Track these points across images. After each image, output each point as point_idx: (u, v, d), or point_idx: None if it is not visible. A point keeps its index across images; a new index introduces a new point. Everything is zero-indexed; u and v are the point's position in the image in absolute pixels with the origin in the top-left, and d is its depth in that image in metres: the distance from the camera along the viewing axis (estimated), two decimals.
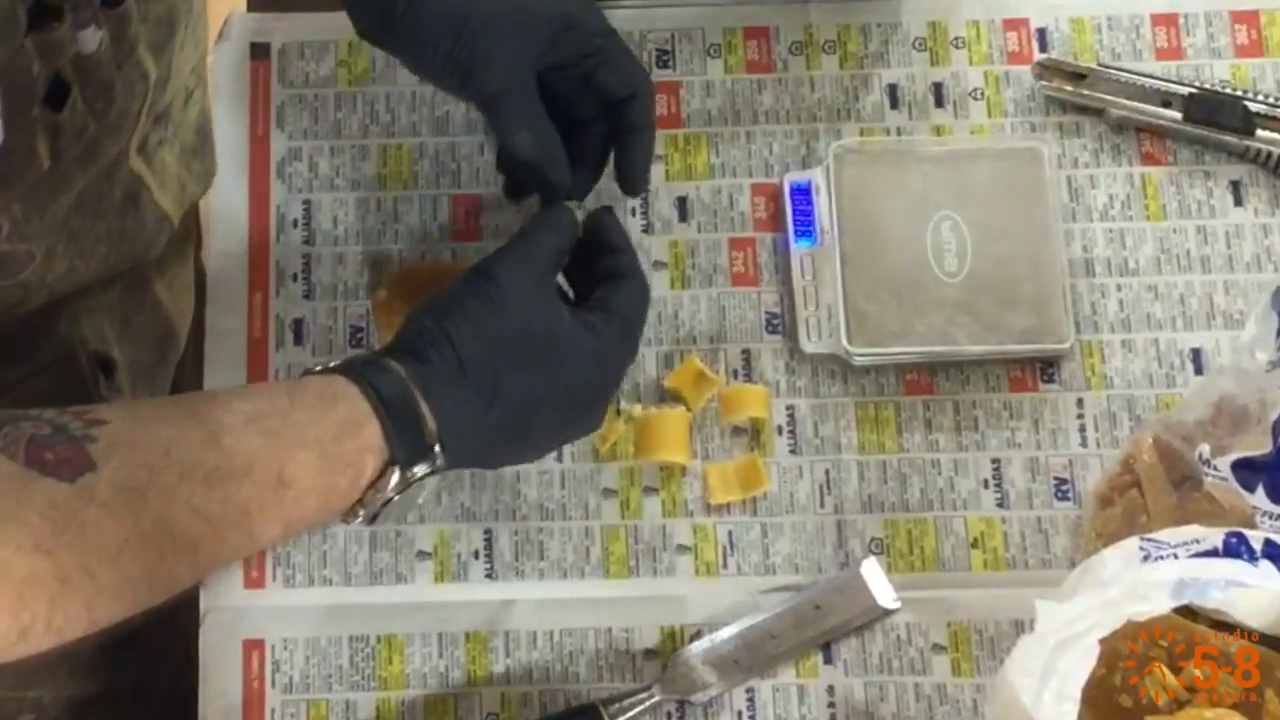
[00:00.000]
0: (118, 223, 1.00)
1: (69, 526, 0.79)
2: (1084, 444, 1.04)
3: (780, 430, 1.04)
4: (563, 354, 0.93)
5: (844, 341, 1.04)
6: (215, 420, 0.87)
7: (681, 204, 1.10)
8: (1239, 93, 1.10)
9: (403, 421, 0.89)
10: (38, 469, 0.80)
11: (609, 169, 1.02)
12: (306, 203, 1.10)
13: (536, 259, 0.95)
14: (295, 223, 1.10)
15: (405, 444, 0.89)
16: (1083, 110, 1.11)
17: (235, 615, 1.01)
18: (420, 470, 0.90)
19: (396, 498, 0.90)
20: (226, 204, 1.11)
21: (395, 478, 0.89)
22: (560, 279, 0.97)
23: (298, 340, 1.07)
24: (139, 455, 0.83)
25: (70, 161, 0.91)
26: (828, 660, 1.00)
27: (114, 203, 0.99)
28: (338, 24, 1.09)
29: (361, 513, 0.90)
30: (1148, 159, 1.10)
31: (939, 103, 1.12)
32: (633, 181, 1.01)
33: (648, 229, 1.10)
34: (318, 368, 0.92)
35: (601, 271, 0.97)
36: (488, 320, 0.92)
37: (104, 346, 1.04)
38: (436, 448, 0.90)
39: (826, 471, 1.04)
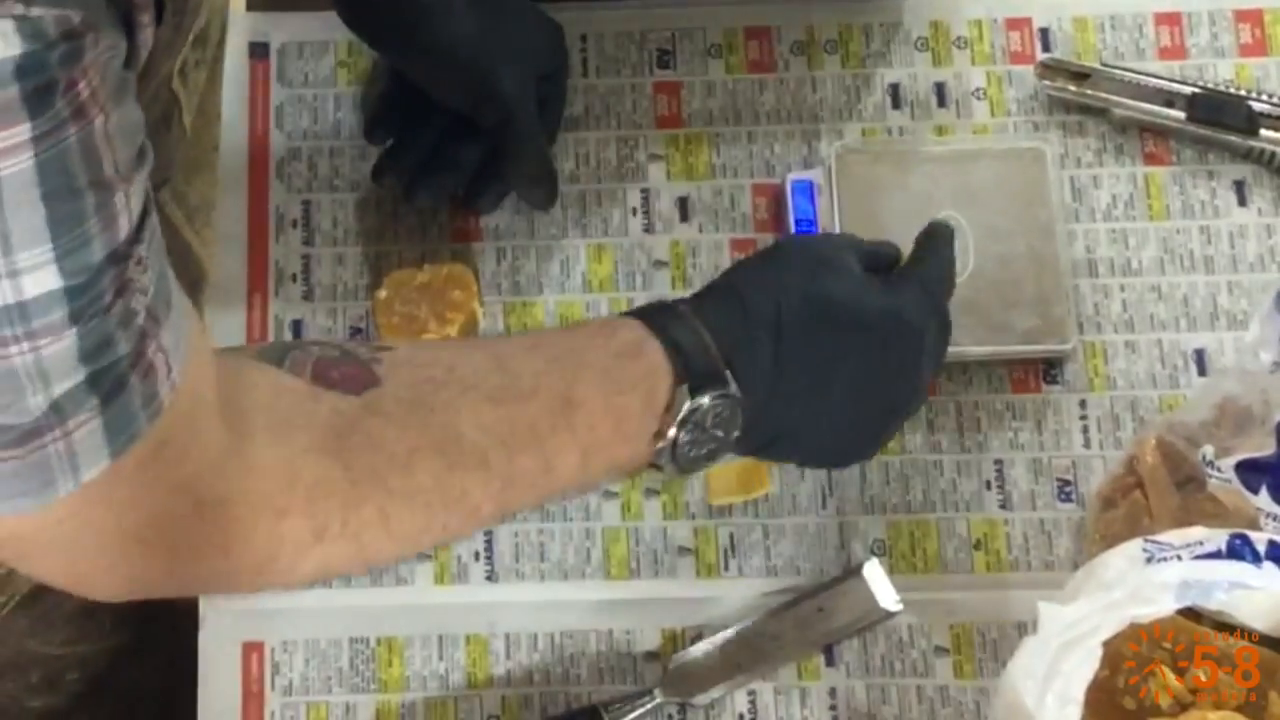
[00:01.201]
0: (151, 141, 1.00)
1: (356, 432, 0.82)
2: (1087, 445, 1.04)
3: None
4: (849, 294, 0.92)
5: None
6: (496, 346, 0.92)
7: (682, 204, 1.10)
8: (1242, 92, 1.10)
9: (683, 342, 0.88)
10: (323, 386, 0.82)
11: None
12: (306, 203, 1.10)
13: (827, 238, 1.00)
14: (294, 223, 1.10)
15: (689, 363, 0.88)
16: (1085, 110, 1.11)
17: (235, 617, 1.01)
18: (714, 394, 0.88)
19: (698, 435, 0.88)
20: (225, 203, 1.10)
21: (686, 399, 0.87)
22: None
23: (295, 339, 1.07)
24: (423, 372, 0.85)
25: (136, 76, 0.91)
26: (830, 662, 1.00)
27: (151, 122, 0.99)
28: (337, 24, 1.09)
29: (665, 445, 0.88)
30: (1151, 159, 1.10)
31: (941, 103, 1.12)
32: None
33: (649, 229, 1.09)
34: None
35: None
36: (767, 266, 0.94)
37: None
38: (726, 372, 0.88)
39: (828, 473, 1.03)
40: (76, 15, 0.63)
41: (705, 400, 0.88)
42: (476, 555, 1.02)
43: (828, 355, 0.92)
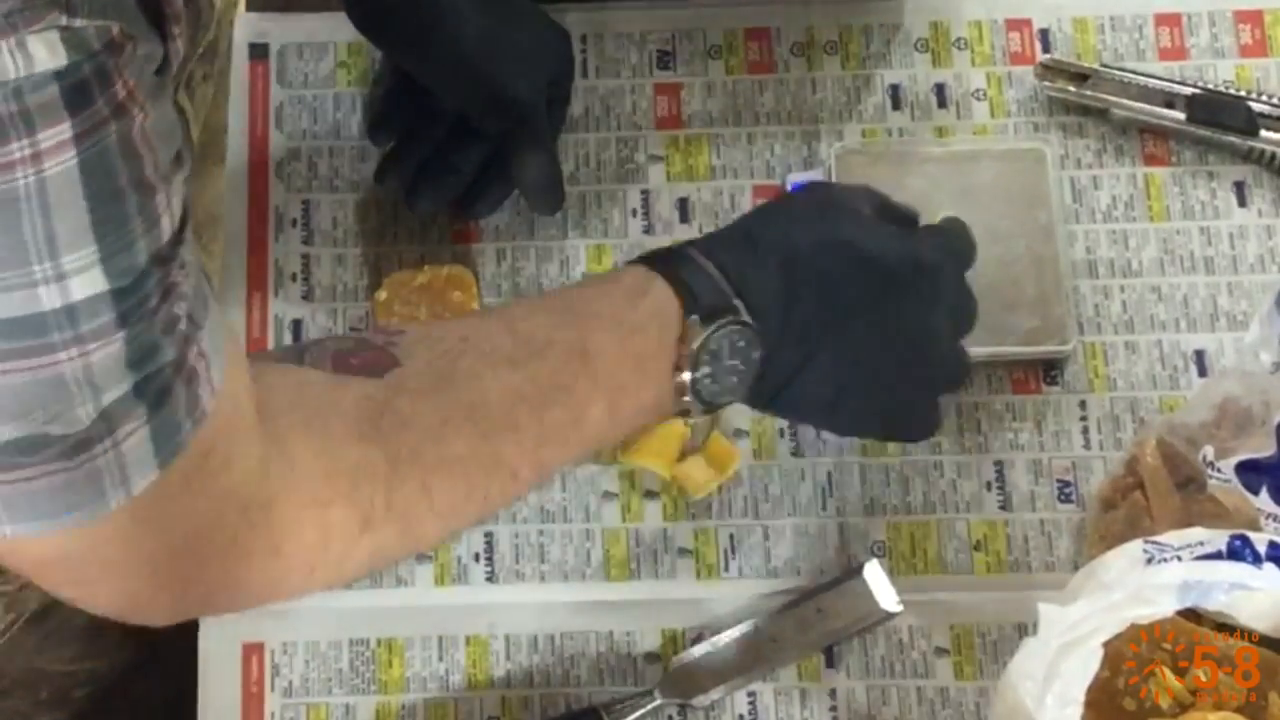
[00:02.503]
0: None
1: (387, 413, 0.82)
2: (1087, 446, 1.04)
3: (782, 433, 1.04)
4: (861, 234, 0.92)
5: None
6: (504, 312, 0.93)
7: (682, 205, 1.10)
8: (1243, 93, 1.10)
9: (688, 277, 0.88)
10: (346, 374, 0.83)
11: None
12: (305, 203, 1.10)
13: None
14: (294, 222, 1.10)
15: (698, 295, 0.88)
16: (1085, 111, 1.11)
17: (234, 618, 1.00)
18: (727, 324, 0.88)
19: (717, 368, 0.88)
20: (224, 203, 1.10)
21: (700, 328, 0.87)
22: None
23: (297, 341, 1.07)
24: (439, 346, 0.85)
25: None
26: (830, 664, 1.00)
27: None
28: (337, 25, 1.09)
29: (684, 380, 0.87)
30: (1151, 160, 1.10)
31: (941, 104, 1.12)
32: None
33: (648, 230, 1.09)
34: None
35: None
36: (777, 207, 0.95)
37: None
38: (736, 301, 0.88)
39: (828, 474, 1.03)
40: (116, 26, 0.64)
41: (719, 330, 0.88)
42: (476, 556, 1.02)
43: (841, 292, 0.91)
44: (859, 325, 0.92)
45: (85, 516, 0.71)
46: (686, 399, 0.89)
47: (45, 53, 0.62)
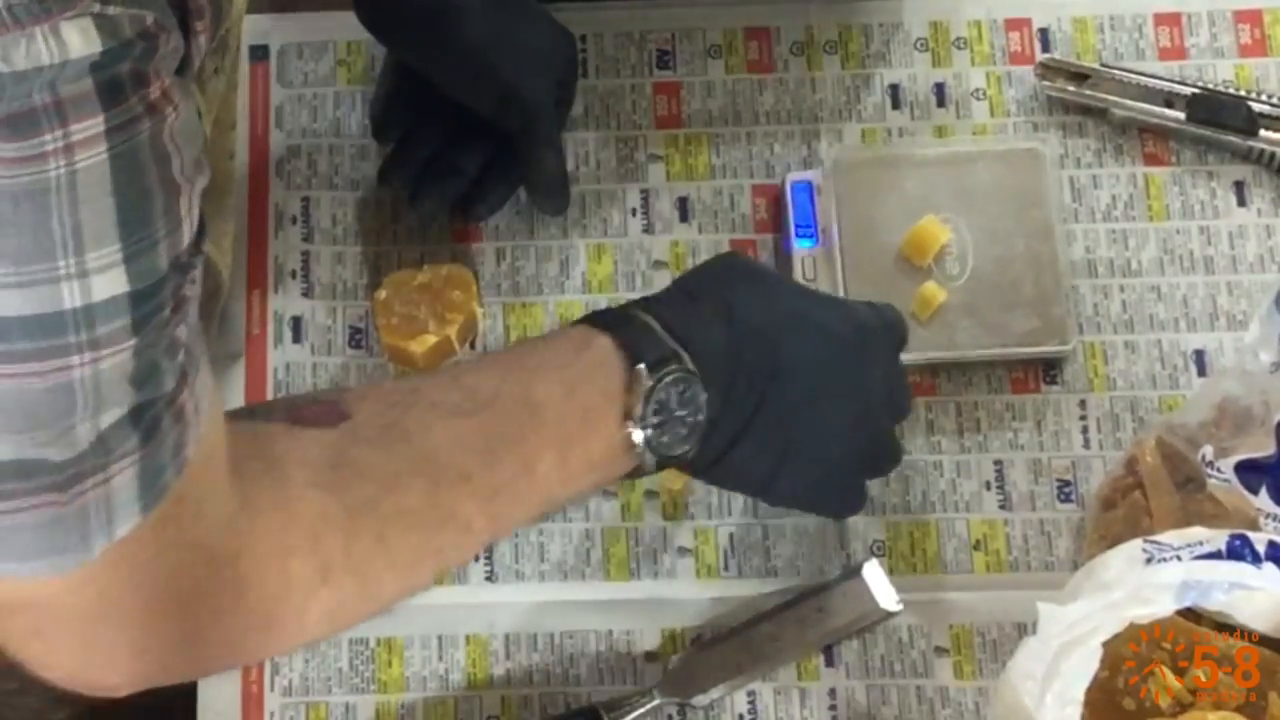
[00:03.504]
0: None
1: (342, 464, 0.81)
2: (1087, 445, 1.04)
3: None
4: (800, 299, 0.93)
5: None
6: (451, 368, 0.94)
7: (682, 204, 1.10)
8: (1242, 93, 1.10)
9: (632, 328, 0.88)
10: (301, 425, 0.82)
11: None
12: (305, 200, 1.10)
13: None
14: (294, 219, 1.10)
15: (640, 347, 0.87)
16: (1085, 110, 1.11)
17: None
18: (672, 371, 0.87)
19: (666, 417, 0.87)
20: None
21: (646, 378, 0.86)
22: None
23: (296, 339, 1.07)
24: (388, 398, 0.85)
25: None
26: (829, 663, 1.00)
27: None
28: (336, 23, 1.09)
29: (634, 430, 0.87)
30: (1150, 159, 1.10)
31: (941, 103, 1.12)
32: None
33: (648, 229, 1.09)
34: None
35: None
36: (716, 269, 0.94)
37: None
38: (681, 351, 0.88)
39: None
40: (150, 16, 0.63)
41: (666, 378, 0.87)
42: (476, 555, 1.02)
43: (783, 354, 0.90)
44: (798, 393, 0.91)
45: (69, 561, 0.69)
46: (638, 450, 0.88)
47: (79, 39, 0.61)
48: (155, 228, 0.66)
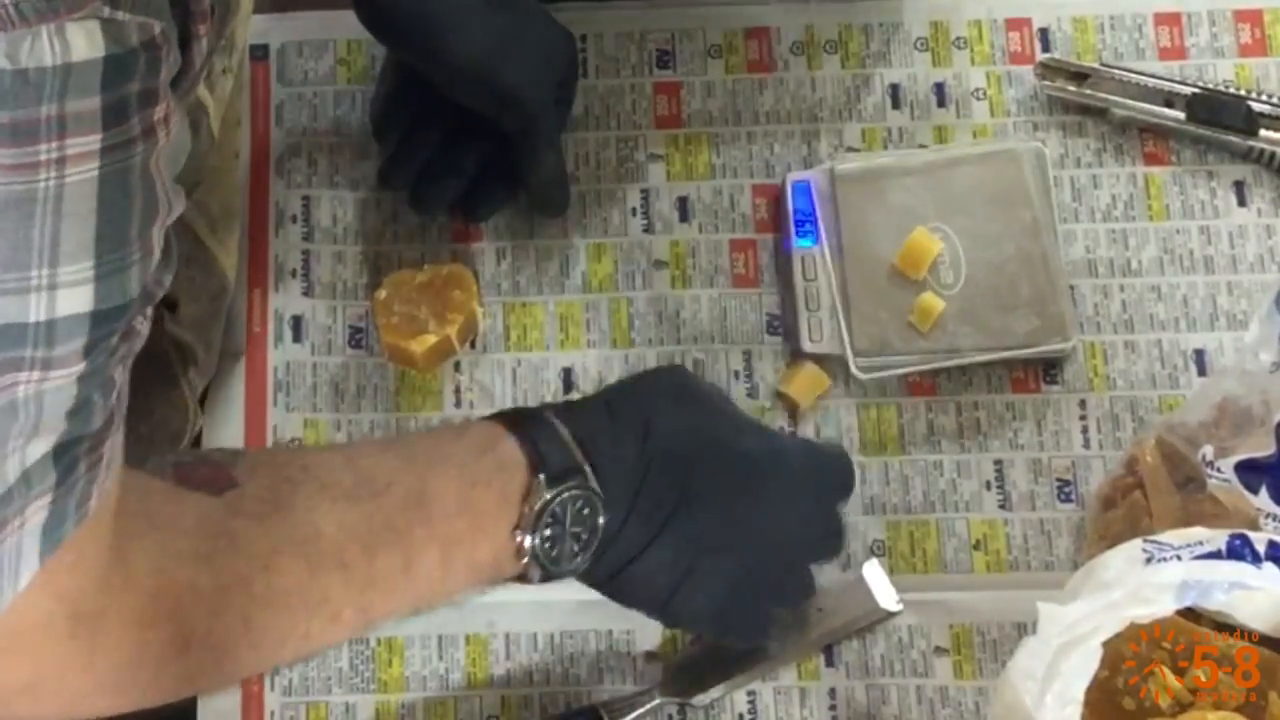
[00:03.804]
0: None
1: (221, 535, 0.79)
2: (1087, 445, 1.04)
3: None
4: (723, 427, 0.91)
5: (849, 357, 1.03)
6: (348, 449, 0.91)
7: (682, 204, 1.10)
8: (1242, 92, 1.10)
9: (539, 437, 0.86)
10: (187, 488, 0.80)
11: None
12: (305, 198, 1.10)
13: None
14: (294, 218, 1.10)
15: (546, 457, 0.86)
16: (1085, 110, 1.11)
17: None
18: (572, 487, 0.86)
19: (558, 532, 0.86)
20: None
21: (545, 489, 0.85)
22: None
23: (296, 338, 1.07)
24: (280, 472, 0.83)
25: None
26: (829, 663, 1.00)
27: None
28: (336, 22, 1.09)
29: (523, 541, 0.85)
30: (1150, 159, 1.10)
31: (941, 103, 1.12)
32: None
33: (648, 229, 1.09)
34: None
35: None
36: (641, 386, 0.93)
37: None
38: (585, 467, 0.86)
39: None
40: (158, 26, 0.63)
41: (564, 493, 0.86)
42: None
43: (694, 481, 0.89)
44: (707, 517, 0.89)
45: None
46: (525, 561, 0.87)
47: (84, 42, 0.61)
48: (130, 250, 0.66)
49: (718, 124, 1.12)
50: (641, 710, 0.97)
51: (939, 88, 1.12)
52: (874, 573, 1.00)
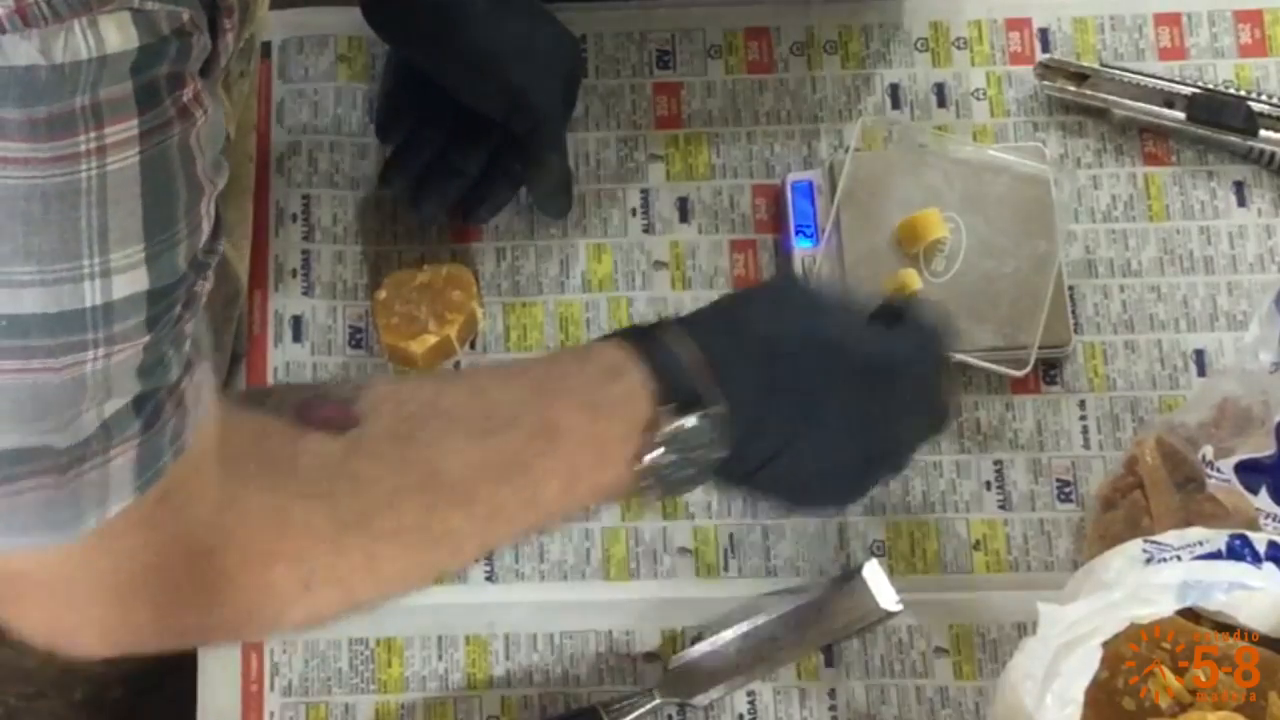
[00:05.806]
0: None
1: (341, 475, 0.79)
2: (1086, 446, 1.04)
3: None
4: (848, 336, 0.91)
5: None
6: (475, 377, 0.91)
7: (682, 204, 1.10)
8: (1242, 93, 1.10)
9: (668, 362, 0.86)
10: (308, 427, 0.80)
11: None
12: (305, 197, 1.10)
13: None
14: (294, 217, 1.10)
15: (674, 384, 0.85)
16: (1085, 110, 1.11)
17: None
18: (699, 414, 0.85)
19: (682, 457, 0.86)
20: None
21: (669, 419, 0.85)
22: None
23: (296, 338, 1.07)
24: (404, 408, 0.83)
25: None
26: (829, 663, 1.00)
27: None
28: (336, 18, 1.09)
29: (648, 467, 0.85)
30: (1150, 159, 1.10)
31: (941, 103, 1.12)
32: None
33: (648, 229, 1.09)
34: None
35: None
36: (767, 297, 0.93)
37: None
38: (717, 389, 0.86)
39: None
40: (186, 13, 0.63)
41: (690, 421, 0.86)
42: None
43: (821, 392, 0.89)
44: (835, 422, 0.90)
45: (56, 539, 0.69)
46: (646, 483, 0.87)
47: (117, 35, 0.61)
48: (178, 228, 0.67)
49: (718, 124, 1.12)
50: (641, 710, 0.97)
51: (939, 88, 1.12)
52: (874, 573, 1.00)
